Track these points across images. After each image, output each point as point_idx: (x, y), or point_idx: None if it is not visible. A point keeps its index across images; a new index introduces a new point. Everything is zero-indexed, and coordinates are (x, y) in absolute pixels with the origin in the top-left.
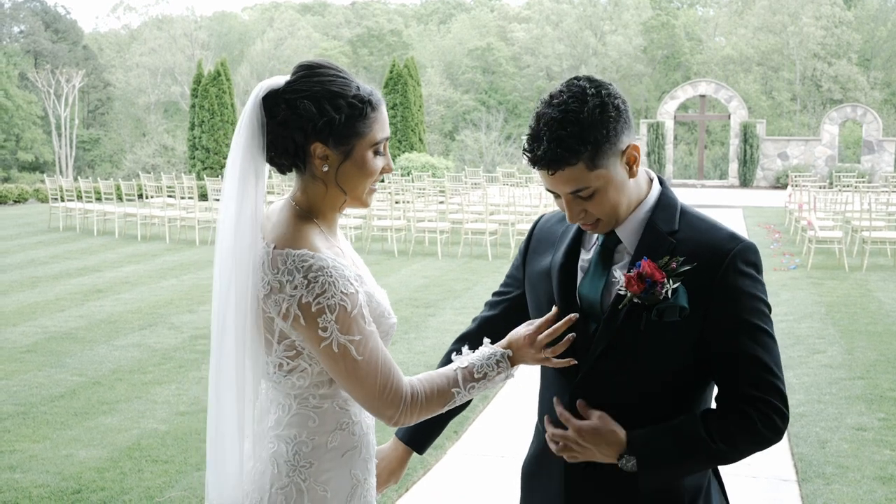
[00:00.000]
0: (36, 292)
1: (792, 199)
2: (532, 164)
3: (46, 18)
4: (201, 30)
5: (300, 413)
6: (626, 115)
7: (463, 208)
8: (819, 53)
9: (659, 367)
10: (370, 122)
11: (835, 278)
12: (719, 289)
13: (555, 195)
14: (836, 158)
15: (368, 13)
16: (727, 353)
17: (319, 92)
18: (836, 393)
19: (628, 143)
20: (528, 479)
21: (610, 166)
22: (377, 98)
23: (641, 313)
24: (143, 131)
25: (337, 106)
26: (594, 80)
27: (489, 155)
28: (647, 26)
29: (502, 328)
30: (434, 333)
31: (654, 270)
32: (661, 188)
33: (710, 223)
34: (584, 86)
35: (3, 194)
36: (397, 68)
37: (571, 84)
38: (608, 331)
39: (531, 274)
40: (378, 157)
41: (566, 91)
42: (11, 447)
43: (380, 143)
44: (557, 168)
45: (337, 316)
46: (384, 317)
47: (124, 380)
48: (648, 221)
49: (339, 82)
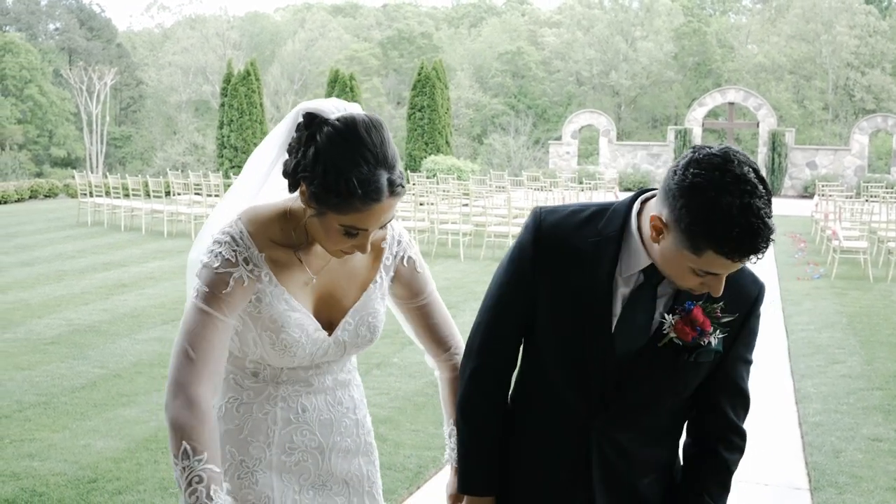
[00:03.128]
0: (62, 286)
1: (818, 208)
2: (742, 253)
3: (81, 16)
4: (233, 30)
5: (226, 375)
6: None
7: (486, 211)
8: (852, 63)
9: (676, 398)
10: (348, 208)
11: (859, 289)
12: (741, 330)
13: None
14: (865, 169)
15: (399, 15)
16: (723, 381)
17: (328, 153)
18: (853, 403)
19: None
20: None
21: None
22: (374, 196)
23: (680, 354)
24: (173, 129)
25: (328, 172)
26: (714, 148)
27: (517, 159)
28: (679, 33)
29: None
30: None
31: (704, 320)
32: None
33: None
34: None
35: (34, 189)
36: (425, 71)
37: (747, 167)
38: (643, 366)
39: (556, 290)
40: (347, 237)
41: (753, 173)
42: (32, 436)
43: (353, 229)
44: (760, 252)
45: (205, 269)
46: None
47: (144, 373)
48: None
49: (354, 158)
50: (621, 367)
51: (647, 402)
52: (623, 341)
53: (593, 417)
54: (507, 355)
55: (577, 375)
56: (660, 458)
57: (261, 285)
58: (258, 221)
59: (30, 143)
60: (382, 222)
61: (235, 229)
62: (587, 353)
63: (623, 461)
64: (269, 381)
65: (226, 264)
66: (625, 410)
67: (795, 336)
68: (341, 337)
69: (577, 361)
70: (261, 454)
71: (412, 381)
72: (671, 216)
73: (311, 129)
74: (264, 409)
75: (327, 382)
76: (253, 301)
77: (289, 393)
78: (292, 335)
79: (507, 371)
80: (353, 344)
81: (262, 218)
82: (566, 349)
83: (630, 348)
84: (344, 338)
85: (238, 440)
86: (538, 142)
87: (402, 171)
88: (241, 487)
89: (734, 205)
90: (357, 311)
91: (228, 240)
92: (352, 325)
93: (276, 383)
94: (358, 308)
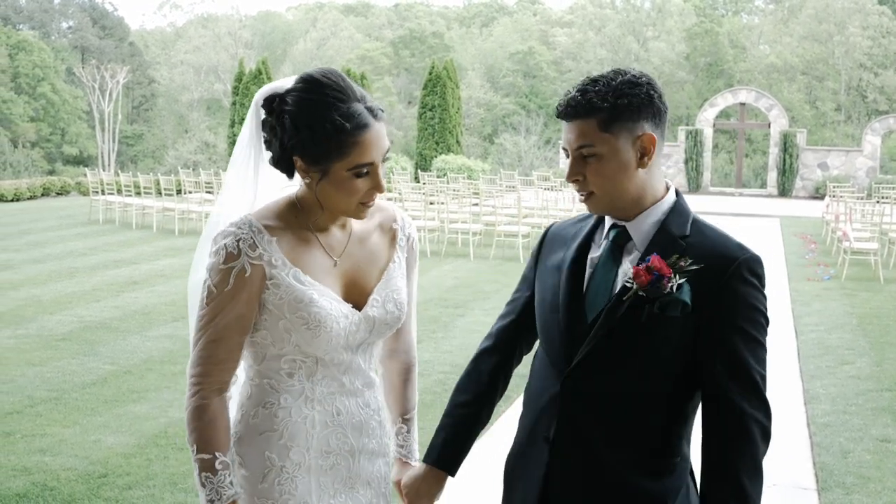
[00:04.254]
0: (73, 282)
1: (829, 209)
2: (556, 114)
3: (94, 15)
4: (245, 28)
5: (245, 385)
6: (656, 109)
7: (496, 211)
8: (865, 63)
9: (651, 364)
10: (346, 146)
11: (869, 290)
12: (722, 293)
13: (566, 154)
14: (877, 170)
15: (411, 15)
16: (718, 356)
17: (302, 110)
18: (862, 404)
19: (648, 132)
20: (510, 475)
21: (620, 139)
22: (361, 122)
23: (644, 305)
24: (185, 128)
25: (312, 127)
26: (645, 73)
27: (528, 159)
28: (691, 33)
29: (515, 333)
30: (462, 333)
31: (662, 265)
32: (677, 197)
33: (721, 233)
34: (631, 70)
35: (47, 187)
36: (436, 70)
37: (623, 68)
38: (609, 320)
39: (542, 270)
40: (360, 179)
41: (615, 69)
42: (43, 431)
43: (359, 168)
44: (573, 117)
45: (212, 262)
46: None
47: (154, 370)
48: (661, 225)
49: (325, 102)
50: (592, 329)
51: (607, 363)
52: (592, 304)
53: (564, 388)
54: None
55: (550, 341)
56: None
57: (274, 269)
58: (268, 212)
59: (42, 140)
60: (382, 151)
61: (241, 220)
62: (561, 319)
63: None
64: (305, 380)
65: (228, 258)
66: (585, 372)
67: (805, 337)
68: (371, 313)
69: (550, 327)
70: (301, 459)
71: (421, 379)
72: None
73: (276, 109)
74: (302, 413)
75: (357, 384)
76: (270, 288)
77: (324, 395)
78: (324, 307)
79: (508, 355)
80: (382, 321)
81: (273, 209)
82: (543, 318)
83: (599, 308)
84: (374, 314)
85: (278, 445)
86: (549, 142)
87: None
88: (282, 493)
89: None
90: (381, 289)
91: (233, 230)
92: (379, 301)
93: (312, 384)
94: (381, 286)
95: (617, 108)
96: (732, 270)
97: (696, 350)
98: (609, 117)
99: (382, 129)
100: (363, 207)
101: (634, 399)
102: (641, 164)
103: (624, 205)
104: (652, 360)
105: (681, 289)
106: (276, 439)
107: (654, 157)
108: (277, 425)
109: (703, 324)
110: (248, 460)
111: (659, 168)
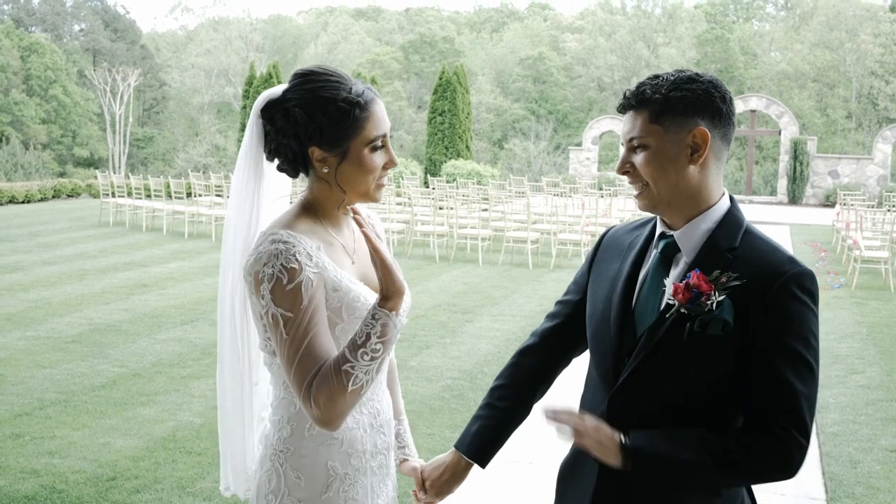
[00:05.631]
0: (83, 285)
1: (840, 217)
2: (617, 109)
3: (106, 18)
4: (256, 32)
5: (286, 398)
6: (716, 109)
7: (505, 216)
8: (877, 71)
9: (694, 382)
10: (362, 121)
11: (879, 299)
12: (767, 309)
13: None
14: (887, 178)
15: (422, 19)
16: (761, 376)
17: (310, 99)
18: (871, 414)
19: (702, 127)
20: (562, 482)
21: (670, 132)
22: (368, 97)
23: (685, 323)
24: (195, 131)
25: (326, 111)
26: (713, 76)
27: (537, 164)
28: (701, 39)
29: (560, 336)
30: (470, 339)
31: (701, 282)
32: (731, 205)
33: (772, 246)
34: (698, 72)
35: (58, 189)
36: (447, 75)
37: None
38: (651, 338)
39: (596, 277)
40: (377, 153)
41: (680, 68)
42: (52, 433)
43: (376, 140)
44: (628, 108)
45: (273, 286)
46: (362, 303)
47: (164, 373)
48: (710, 235)
49: (329, 87)
50: (640, 344)
51: (651, 380)
52: (641, 319)
53: (611, 405)
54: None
55: (600, 355)
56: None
57: (329, 274)
58: (291, 221)
59: (53, 142)
60: (388, 125)
61: (280, 237)
62: (611, 333)
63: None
64: None
65: (291, 275)
66: (631, 388)
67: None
68: None
69: (601, 341)
70: (359, 463)
71: (429, 384)
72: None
73: (281, 109)
74: (355, 419)
75: (383, 384)
76: (330, 293)
77: (368, 398)
78: (369, 301)
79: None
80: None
81: (292, 217)
82: (594, 330)
83: (647, 324)
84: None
85: (339, 453)
86: (559, 147)
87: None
88: (346, 500)
89: None
90: None
91: (281, 247)
92: None
93: None
94: None
95: (669, 101)
96: (779, 286)
97: (743, 364)
98: (660, 109)
99: (383, 106)
100: (379, 188)
101: (680, 419)
102: (693, 161)
103: (674, 202)
104: (697, 379)
105: (721, 306)
106: (336, 447)
107: (708, 156)
108: (338, 434)
109: (749, 343)
110: (308, 473)
111: (717, 172)
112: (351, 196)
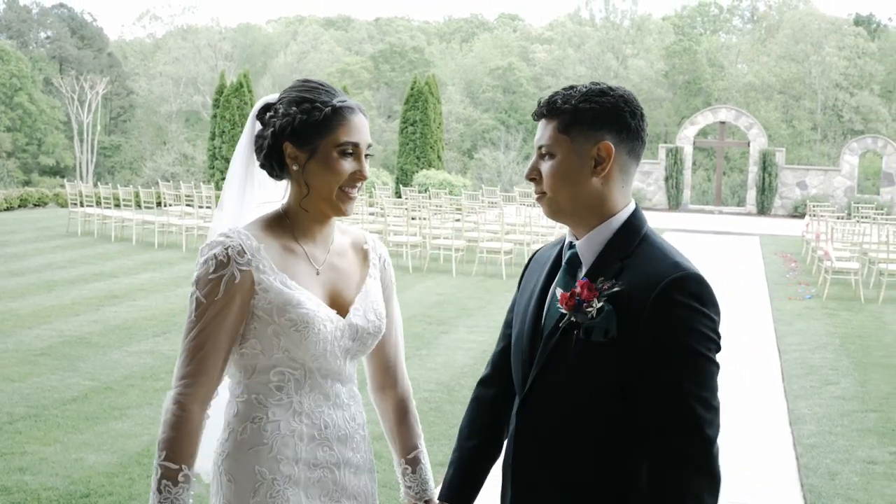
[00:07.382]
0: (52, 296)
1: (809, 228)
2: (532, 115)
3: (73, 25)
4: (225, 41)
5: (231, 402)
6: (623, 123)
7: (479, 227)
8: (841, 83)
9: (590, 395)
10: (334, 123)
11: (850, 310)
12: (651, 315)
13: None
14: (854, 189)
15: (391, 29)
16: (649, 382)
17: (293, 97)
18: (847, 425)
19: (607, 141)
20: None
21: (577, 143)
22: (348, 104)
23: (574, 331)
24: (163, 139)
25: (302, 108)
26: (625, 90)
27: (507, 174)
28: (670, 51)
29: (507, 360)
30: (446, 351)
31: (584, 289)
32: (632, 213)
33: (663, 252)
34: (612, 85)
35: (24, 198)
36: (418, 85)
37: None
38: (545, 347)
39: (521, 294)
40: (346, 160)
41: (595, 81)
42: (22, 449)
43: (346, 145)
44: (541, 116)
45: (200, 271)
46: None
47: (136, 386)
48: (607, 244)
49: (314, 91)
50: (537, 354)
51: (550, 391)
52: (550, 318)
53: (518, 419)
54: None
55: (516, 368)
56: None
57: (262, 275)
58: (256, 223)
59: (18, 150)
60: (366, 140)
61: (229, 230)
62: (523, 344)
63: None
64: (293, 394)
65: (218, 267)
66: (535, 397)
67: (788, 356)
68: (354, 320)
69: (515, 354)
70: (290, 471)
71: None
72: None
73: (271, 108)
74: (291, 427)
75: (343, 397)
76: (259, 293)
77: (312, 409)
78: (311, 309)
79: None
80: (364, 330)
81: (260, 221)
82: (513, 345)
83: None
84: (357, 321)
85: (268, 459)
86: (528, 157)
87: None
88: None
89: None
90: (362, 299)
91: (221, 240)
92: (360, 310)
93: (300, 397)
94: (361, 297)
95: (578, 112)
96: (660, 291)
97: (633, 382)
98: (569, 120)
99: (366, 123)
100: (345, 196)
101: (577, 435)
102: (596, 173)
103: (574, 212)
104: (589, 390)
105: (602, 312)
106: (265, 453)
107: (612, 169)
108: (267, 439)
109: (636, 351)
110: (238, 476)
111: (623, 185)
112: (317, 201)
